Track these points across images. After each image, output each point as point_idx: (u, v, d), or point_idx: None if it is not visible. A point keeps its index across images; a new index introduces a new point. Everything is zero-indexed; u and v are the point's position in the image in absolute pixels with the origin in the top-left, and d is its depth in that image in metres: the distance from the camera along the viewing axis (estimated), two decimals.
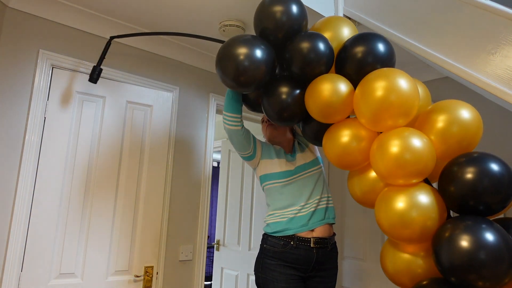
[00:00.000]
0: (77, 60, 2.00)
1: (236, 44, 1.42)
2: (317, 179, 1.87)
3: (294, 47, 1.43)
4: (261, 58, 1.41)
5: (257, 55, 1.40)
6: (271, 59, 1.46)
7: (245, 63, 1.39)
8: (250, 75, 1.41)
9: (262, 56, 1.41)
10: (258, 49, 1.42)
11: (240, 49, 1.40)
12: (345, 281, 2.82)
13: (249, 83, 1.44)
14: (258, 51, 1.41)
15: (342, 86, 1.38)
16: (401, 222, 1.17)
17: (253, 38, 1.45)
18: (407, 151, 1.18)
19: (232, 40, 1.45)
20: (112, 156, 2.05)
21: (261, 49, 1.43)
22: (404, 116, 1.25)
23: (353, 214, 2.85)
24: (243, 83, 1.44)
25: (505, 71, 1.41)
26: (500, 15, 1.45)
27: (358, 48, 1.40)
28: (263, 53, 1.42)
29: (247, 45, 1.41)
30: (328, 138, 1.43)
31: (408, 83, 1.25)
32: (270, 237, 1.78)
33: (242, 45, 1.41)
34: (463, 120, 1.25)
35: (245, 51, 1.40)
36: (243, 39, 1.44)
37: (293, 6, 1.47)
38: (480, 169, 1.12)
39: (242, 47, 1.41)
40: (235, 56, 1.40)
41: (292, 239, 1.73)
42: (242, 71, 1.40)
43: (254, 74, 1.41)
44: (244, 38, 1.45)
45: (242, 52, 1.40)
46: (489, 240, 1.03)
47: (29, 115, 1.82)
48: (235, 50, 1.41)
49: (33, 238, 1.78)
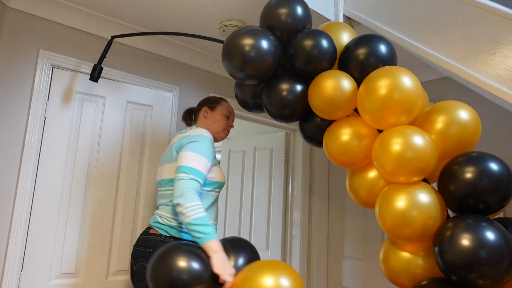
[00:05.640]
0: (77, 60, 2.00)
1: (244, 34, 1.43)
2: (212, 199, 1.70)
3: (298, 43, 1.44)
4: (268, 49, 1.42)
5: (264, 46, 1.41)
6: (278, 52, 1.46)
7: (251, 53, 1.39)
8: (257, 65, 1.41)
9: (269, 47, 1.42)
10: (265, 40, 1.42)
11: (247, 40, 1.41)
12: (345, 281, 2.82)
13: (257, 73, 1.43)
14: (265, 42, 1.42)
15: (346, 82, 1.39)
16: (402, 221, 1.17)
17: (261, 29, 1.47)
18: (409, 149, 1.18)
19: (239, 30, 1.46)
20: (112, 156, 2.05)
21: (269, 40, 1.44)
22: (408, 114, 1.26)
23: (353, 214, 2.85)
24: (251, 73, 1.43)
25: (505, 71, 1.41)
26: (500, 15, 1.45)
27: (361, 50, 1.41)
28: (271, 44, 1.43)
29: (255, 35, 1.42)
30: (329, 136, 1.43)
31: (412, 81, 1.26)
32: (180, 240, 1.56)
33: (250, 36, 1.42)
34: (461, 121, 1.26)
35: (252, 41, 1.40)
36: (251, 30, 1.44)
37: (298, 8, 1.49)
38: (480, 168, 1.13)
39: (249, 37, 1.41)
40: (243, 46, 1.40)
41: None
42: (249, 61, 1.40)
43: (261, 64, 1.41)
44: (252, 28, 1.46)
45: (249, 42, 1.40)
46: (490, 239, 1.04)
47: (29, 115, 1.82)
48: (243, 40, 1.41)
49: (33, 238, 1.78)
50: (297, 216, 3.03)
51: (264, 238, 3.16)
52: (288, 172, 3.16)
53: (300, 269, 2.92)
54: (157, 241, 1.59)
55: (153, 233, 1.62)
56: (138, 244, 1.65)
